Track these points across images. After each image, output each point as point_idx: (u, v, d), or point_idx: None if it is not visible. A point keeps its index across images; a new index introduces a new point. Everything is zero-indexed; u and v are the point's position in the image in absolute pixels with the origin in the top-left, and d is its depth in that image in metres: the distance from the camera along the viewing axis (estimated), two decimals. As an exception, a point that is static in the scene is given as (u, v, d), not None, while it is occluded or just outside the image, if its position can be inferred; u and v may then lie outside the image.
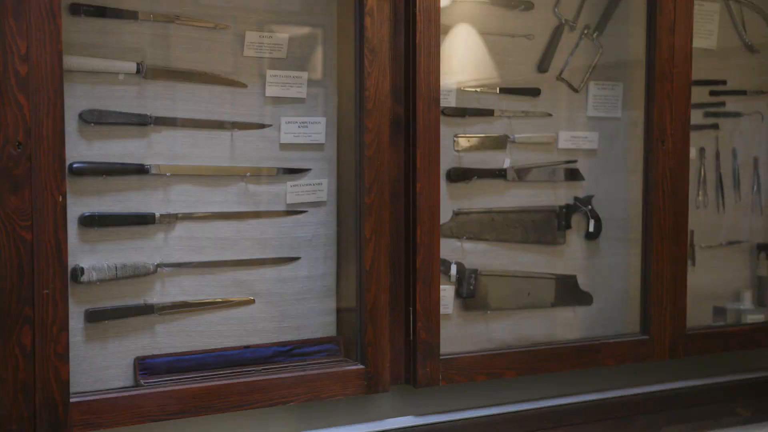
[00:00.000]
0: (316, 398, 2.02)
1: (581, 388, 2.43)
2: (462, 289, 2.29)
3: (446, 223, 2.26)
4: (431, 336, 2.13)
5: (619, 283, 2.50)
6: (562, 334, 2.43)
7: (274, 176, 2.10)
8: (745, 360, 2.75)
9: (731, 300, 2.69)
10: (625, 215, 2.49)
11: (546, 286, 2.41)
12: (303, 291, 2.14)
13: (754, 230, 2.73)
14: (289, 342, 2.11)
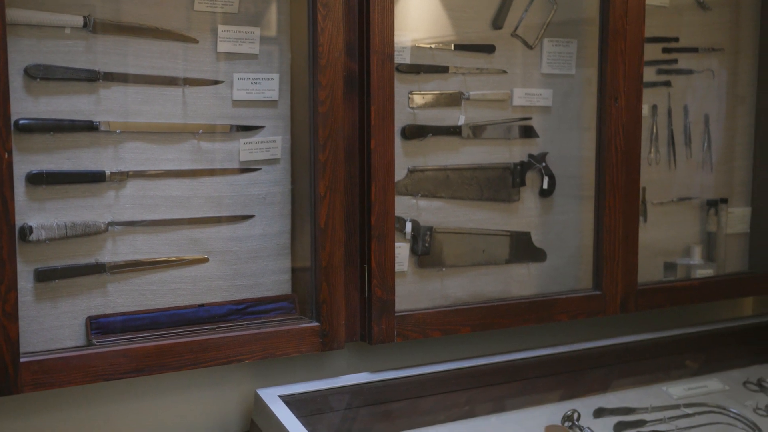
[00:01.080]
0: (271, 356, 2.02)
1: (535, 343, 2.46)
2: (417, 246, 2.29)
3: (401, 181, 2.26)
4: (386, 293, 2.14)
5: (572, 240, 2.52)
6: (516, 291, 2.45)
7: (227, 133, 2.08)
8: (695, 314, 2.80)
9: (681, 255, 2.74)
10: (578, 172, 2.51)
11: (500, 243, 2.43)
12: (257, 249, 2.13)
13: (704, 187, 2.77)
14: (243, 300, 2.11)
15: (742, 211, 2.83)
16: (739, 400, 2.51)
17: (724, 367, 2.65)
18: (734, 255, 2.82)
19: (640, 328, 2.59)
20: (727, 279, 2.70)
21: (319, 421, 2.06)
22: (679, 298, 2.58)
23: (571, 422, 2.25)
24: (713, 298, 2.66)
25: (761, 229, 2.82)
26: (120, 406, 2.03)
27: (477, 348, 2.42)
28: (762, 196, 2.82)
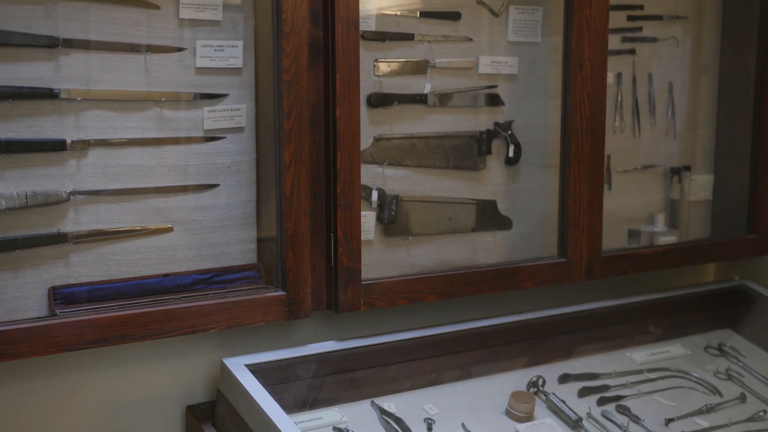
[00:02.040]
0: (237, 325, 2.02)
1: (501, 310, 2.48)
2: (383, 215, 2.29)
3: (367, 149, 2.25)
4: (352, 262, 2.14)
5: (537, 208, 2.53)
6: (482, 259, 2.46)
7: (191, 102, 2.05)
8: (658, 280, 2.84)
9: (645, 223, 2.76)
10: (544, 140, 2.52)
11: (466, 211, 2.43)
12: (222, 218, 2.12)
13: (668, 154, 2.79)
14: (209, 270, 2.10)
15: (705, 178, 2.86)
16: (701, 365, 2.55)
17: (686, 332, 2.69)
18: (697, 222, 2.86)
19: (604, 295, 2.62)
20: (689, 246, 2.73)
21: (285, 389, 2.06)
22: (642, 265, 2.61)
23: (536, 388, 2.28)
24: (676, 265, 2.69)
25: (723, 196, 2.86)
26: (84, 376, 2.02)
27: (443, 316, 2.43)
28: (724, 164, 2.86)
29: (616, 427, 2.21)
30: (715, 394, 2.43)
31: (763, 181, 2.79)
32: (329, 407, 2.11)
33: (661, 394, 2.39)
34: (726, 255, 2.81)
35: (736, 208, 2.83)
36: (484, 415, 2.17)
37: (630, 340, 2.60)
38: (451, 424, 2.11)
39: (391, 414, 2.10)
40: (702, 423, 2.28)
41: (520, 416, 2.17)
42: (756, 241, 2.81)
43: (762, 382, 2.49)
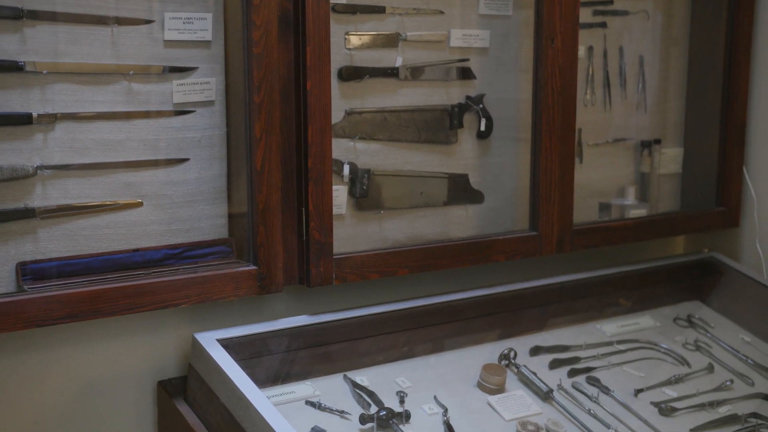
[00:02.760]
0: (208, 300, 2.01)
1: (473, 283, 2.49)
2: (355, 189, 2.29)
3: (338, 123, 2.24)
4: (324, 236, 2.14)
5: (509, 182, 2.54)
6: (454, 232, 2.46)
7: (160, 75, 2.03)
8: (628, 253, 2.86)
9: (616, 196, 2.78)
10: (515, 114, 2.52)
11: (438, 185, 2.44)
12: (193, 193, 2.10)
13: (638, 128, 2.80)
14: (179, 245, 2.08)
15: (675, 151, 2.88)
16: (670, 336, 2.58)
17: (656, 304, 2.71)
18: (667, 195, 2.88)
19: (575, 268, 2.64)
20: (659, 218, 2.75)
21: (257, 364, 2.06)
22: (613, 238, 2.63)
23: (507, 360, 2.29)
24: (646, 238, 2.72)
25: (693, 170, 2.88)
26: (54, 352, 2.01)
27: (415, 289, 2.44)
28: (694, 137, 2.88)
29: (587, 398, 2.23)
30: (683, 364, 2.46)
31: (732, 155, 2.81)
32: (302, 381, 2.11)
33: (631, 366, 2.42)
34: (695, 227, 2.83)
35: (705, 181, 2.86)
36: (456, 387, 2.19)
37: (600, 312, 2.62)
38: (423, 397, 2.13)
39: (363, 387, 2.11)
40: (670, 393, 2.31)
41: (492, 388, 2.19)
42: (724, 214, 2.84)
43: (729, 352, 2.53)
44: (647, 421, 2.17)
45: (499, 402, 2.15)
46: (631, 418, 2.18)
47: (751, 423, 2.21)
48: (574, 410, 2.17)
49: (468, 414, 2.09)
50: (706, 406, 2.27)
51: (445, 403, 2.10)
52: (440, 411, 2.08)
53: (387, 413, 1.98)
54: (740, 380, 2.42)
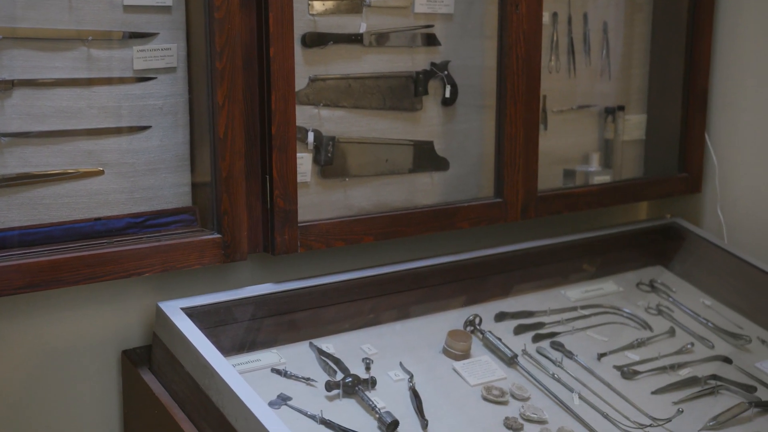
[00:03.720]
0: (172, 268, 2.00)
1: (438, 250, 2.50)
2: (320, 156, 2.28)
3: (302, 90, 2.22)
4: (289, 203, 2.13)
5: (474, 149, 2.54)
6: (419, 200, 2.46)
7: (119, 41, 2.00)
8: (592, 219, 2.88)
9: (580, 162, 2.79)
10: (480, 81, 2.51)
11: (403, 152, 2.43)
12: (155, 161, 2.08)
13: (602, 95, 2.81)
14: (142, 213, 2.06)
15: (638, 118, 2.89)
16: (632, 301, 2.61)
17: (619, 269, 2.74)
18: (630, 161, 2.90)
19: (540, 234, 2.65)
20: (622, 185, 2.77)
21: (222, 332, 2.06)
22: (577, 204, 2.64)
23: (472, 327, 2.31)
24: (610, 204, 2.74)
25: (656, 136, 2.90)
26: (16, 323, 1.99)
27: (380, 257, 2.44)
28: (657, 104, 2.89)
29: (551, 362, 2.25)
30: (645, 328, 2.49)
31: (694, 121, 2.84)
32: (267, 349, 2.11)
33: (594, 330, 2.44)
34: (658, 193, 2.86)
35: (668, 148, 2.88)
36: (422, 353, 2.20)
37: (565, 278, 2.65)
38: (388, 363, 2.14)
39: (329, 355, 2.11)
40: (633, 357, 2.34)
41: (457, 354, 2.20)
42: (687, 180, 2.86)
43: (690, 316, 2.57)
44: (610, 384, 2.20)
45: (465, 367, 2.17)
46: (595, 382, 2.21)
47: (710, 384, 2.25)
48: (539, 375, 2.19)
49: (433, 380, 2.11)
50: (667, 369, 2.30)
51: (410, 369, 2.12)
52: (406, 377, 2.09)
53: (353, 380, 1.99)
54: (701, 343, 2.45)
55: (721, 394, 2.23)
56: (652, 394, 2.21)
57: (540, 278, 2.60)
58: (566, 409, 2.09)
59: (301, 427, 1.86)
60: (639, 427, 2.05)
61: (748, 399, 2.21)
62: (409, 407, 1.99)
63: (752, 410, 2.16)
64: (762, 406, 2.19)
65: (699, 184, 2.89)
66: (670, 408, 2.14)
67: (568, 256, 2.67)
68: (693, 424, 2.10)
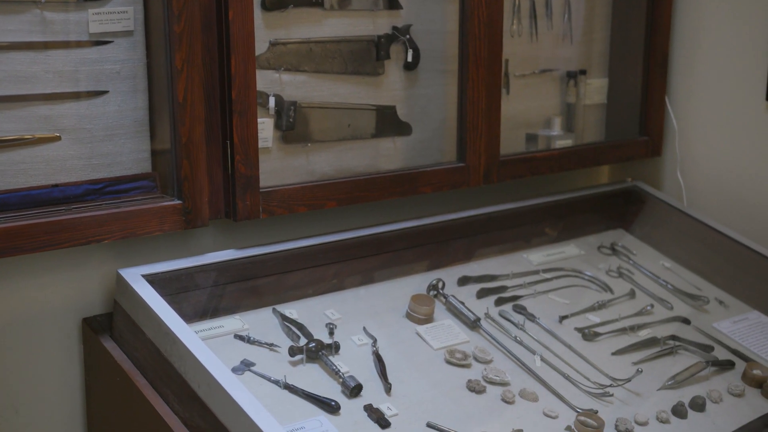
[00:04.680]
0: (132, 235, 1.98)
1: (401, 215, 2.50)
2: (281, 121, 2.26)
3: (262, 54, 2.20)
4: (250, 169, 2.11)
5: (436, 113, 2.53)
6: (382, 165, 2.46)
7: (74, 3, 1.95)
8: (554, 183, 2.90)
9: (542, 127, 2.80)
10: (442, 45, 2.50)
11: (366, 117, 2.42)
12: (113, 126, 2.05)
13: (564, 59, 2.81)
14: (101, 180, 2.03)
15: (600, 82, 2.90)
16: (594, 264, 2.63)
17: (581, 233, 2.77)
18: (592, 125, 2.91)
19: (502, 199, 2.66)
20: (584, 149, 2.78)
21: (184, 299, 2.04)
22: (539, 168, 2.65)
23: (436, 291, 2.32)
24: (571, 168, 2.75)
25: (617, 100, 2.91)
26: (-27, 292, 1.97)
27: (344, 222, 2.43)
28: (618, 68, 2.90)
29: (513, 325, 2.27)
30: (606, 291, 2.52)
31: (655, 85, 2.85)
32: (230, 315, 2.10)
33: (556, 293, 2.47)
34: (619, 157, 2.88)
35: (629, 112, 2.89)
36: (385, 318, 2.21)
37: (527, 242, 2.66)
38: (352, 328, 2.14)
39: (292, 320, 2.11)
40: (594, 319, 2.37)
41: (420, 318, 2.21)
42: (647, 143, 2.89)
43: (650, 278, 2.60)
44: (571, 346, 2.23)
45: (428, 331, 2.18)
46: (556, 344, 2.23)
47: (669, 345, 2.29)
48: (501, 338, 2.21)
49: (397, 344, 2.12)
50: (627, 330, 2.33)
51: (374, 334, 2.12)
52: (369, 342, 2.10)
53: (316, 345, 1.99)
54: (660, 305, 2.49)
55: (679, 354, 2.27)
56: (613, 355, 2.24)
57: (502, 242, 2.62)
58: (528, 371, 2.11)
59: (264, 392, 1.86)
60: (599, 387, 2.08)
61: (706, 358, 2.25)
62: (372, 371, 2.00)
63: (709, 369, 2.20)
64: (719, 365, 2.23)
65: (659, 147, 2.92)
66: (630, 368, 2.17)
67: (530, 220, 2.68)
68: (652, 384, 2.13)
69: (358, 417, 1.85)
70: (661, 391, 2.12)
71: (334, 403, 1.85)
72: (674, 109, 2.89)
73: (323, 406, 1.85)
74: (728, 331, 2.41)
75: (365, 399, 1.91)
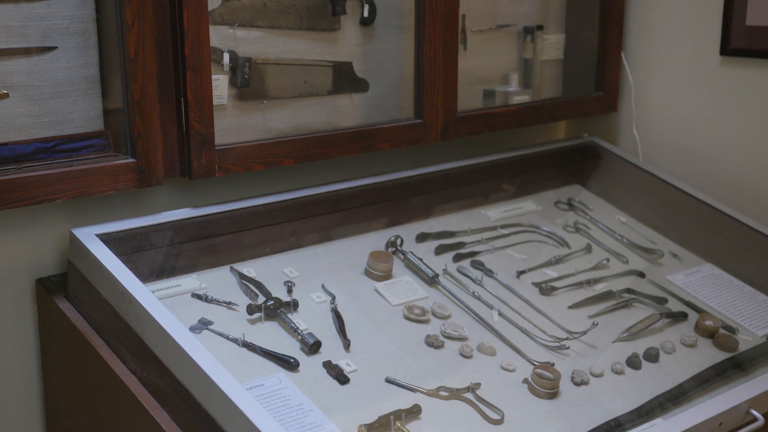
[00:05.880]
0: (85, 194, 1.94)
1: (359, 173, 2.49)
2: (236, 78, 2.22)
3: (216, 9, 2.16)
4: (205, 126, 2.08)
5: (394, 69, 2.52)
6: (340, 122, 2.44)
7: (19, -44, 1.90)
8: (511, 139, 2.90)
9: (500, 83, 2.79)
10: (398, 1, 2.47)
11: (322, 73, 2.39)
12: (63, 83, 2.00)
13: (521, 14, 2.80)
14: (51, 138, 1.99)
15: (557, 37, 2.90)
16: (551, 219, 2.65)
17: (538, 189, 2.78)
18: (549, 81, 2.91)
19: (460, 155, 2.66)
20: (541, 104, 2.79)
21: (140, 258, 2.02)
22: (497, 125, 2.65)
23: (394, 248, 2.32)
24: (529, 123, 2.75)
25: (574, 56, 2.92)
26: None
27: (301, 180, 2.42)
28: (575, 23, 2.90)
29: (471, 281, 2.28)
30: (563, 246, 2.54)
31: (611, 41, 2.86)
32: (187, 275, 2.08)
33: (514, 249, 2.48)
34: (575, 113, 2.89)
35: (586, 67, 2.90)
36: (344, 275, 2.21)
37: (485, 198, 2.67)
38: (311, 286, 2.14)
39: (250, 278, 2.10)
40: (551, 273, 2.39)
41: (379, 275, 2.21)
42: (603, 99, 2.90)
43: (606, 233, 2.62)
44: (528, 300, 2.25)
45: (386, 288, 2.18)
46: (514, 299, 2.25)
47: (624, 298, 2.32)
48: (459, 293, 2.22)
49: (355, 301, 2.12)
50: (583, 284, 2.36)
51: (332, 291, 2.12)
52: (328, 299, 2.10)
53: (274, 303, 1.99)
54: (616, 259, 2.52)
55: (634, 307, 2.30)
56: (569, 308, 2.26)
57: (461, 199, 2.62)
58: (486, 325, 2.13)
59: (222, 351, 1.85)
60: (556, 340, 2.11)
61: (660, 310, 2.28)
62: (331, 328, 2.00)
63: (663, 321, 2.24)
64: (672, 316, 2.27)
65: (615, 103, 2.93)
66: (586, 321, 2.20)
67: (488, 176, 2.69)
68: (607, 336, 2.16)
69: (317, 374, 1.86)
70: (616, 343, 2.15)
71: (293, 360, 1.85)
72: (630, 64, 2.91)
73: (282, 363, 1.85)
74: (682, 284, 2.45)
75: (324, 356, 1.91)
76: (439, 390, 1.87)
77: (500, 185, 2.72)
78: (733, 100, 2.68)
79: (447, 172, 2.59)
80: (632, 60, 2.90)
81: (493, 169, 2.70)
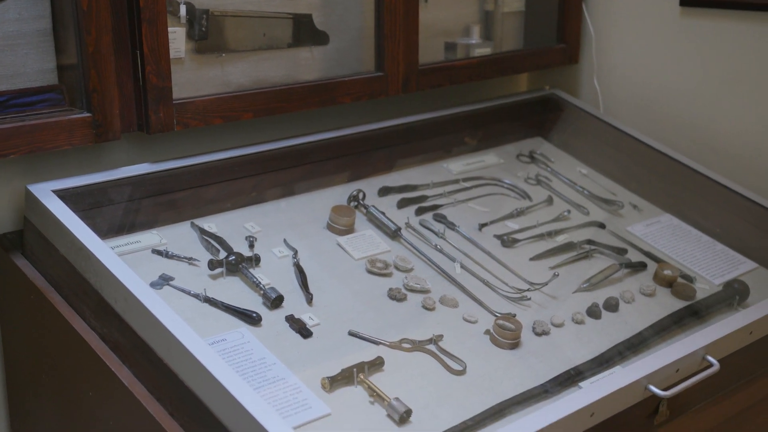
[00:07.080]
0: (40, 150, 1.91)
1: (320, 127, 2.47)
2: (193, 31, 2.18)
3: (171, -41, 2.11)
4: (162, 80, 2.04)
5: (354, 21, 2.48)
6: (300, 75, 2.41)
7: None
8: (473, 92, 2.89)
9: (461, 35, 2.77)
10: (359, -50, 2.44)
11: (282, 26, 2.36)
12: (14, 36, 1.95)
13: (482, -35, 2.78)
14: (3, 92, 1.94)
15: (518, -11, 2.88)
16: (513, 172, 2.66)
17: (500, 142, 2.78)
18: (510, 33, 2.89)
19: (421, 108, 2.65)
20: (502, 57, 2.78)
21: (98, 214, 2.00)
22: (458, 77, 2.64)
23: (356, 202, 2.31)
24: (490, 76, 2.74)
25: (535, 8, 2.90)
26: None
27: (261, 134, 2.40)
28: (536, -26, 2.89)
29: (433, 234, 2.29)
30: (525, 198, 2.55)
31: (573, -9, 2.85)
32: (147, 231, 2.06)
33: (476, 202, 2.49)
34: (537, 65, 2.88)
35: (547, 19, 2.89)
36: (306, 230, 2.20)
37: (447, 151, 2.67)
38: (272, 241, 2.13)
39: (211, 234, 2.09)
40: (512, 226, 2.41)
41: (341, 229, 2.21)
42: (565, 51, 2.89)
43: (567, 185, 2.64)
44: (490, 252, 2.26)
45: (349, 242, 2.18)
46: (476, 251, 2.26)
47: (585, 249, 2.34)
48: (422, 246, 2.22)
49: (318, 255, 2.12)
50: (545, 236, 2.37)
51: (294, 245, 2.11)
52: (290, 253, 2.09)
53: (236, 258, 1.98)
54: (577, 210, 2.53)
55: (595, 258, 2.33)
56: (531, 260, 2.28)
57: (422, 152, 2.61)
58: (448, 278, 2.13)
59: (184, 306, 1.84)
60: (517, 292, 2.12)
61: (620, 261, 2.31)
62: (293, 283, 2.00)
63: (622, 271, 2.26)
64: (632, 266, 2.29)
65: (576, 55, 2.93)
66: (547, 273, 2.22)
67: (449, 129, 2.68)
68: (568, 287, 2.19)
69: (279, 328, 1.86)
70: (576, 293, 2.17)
71: (256, 314, 1.85)
72: (591, 15, 2.90)
73: (244, 318, 1.85)
74: (641, 234, 2.47)
75: (287, 310, 1.91)
76: (402, 342, 1.88)
77: (462, 138, 2.72)
78: (692, 51, 2.69)
79: (409, 125, 2.58)
80: (593, 11, 2.89)
81: (454, 122, 2.69)
